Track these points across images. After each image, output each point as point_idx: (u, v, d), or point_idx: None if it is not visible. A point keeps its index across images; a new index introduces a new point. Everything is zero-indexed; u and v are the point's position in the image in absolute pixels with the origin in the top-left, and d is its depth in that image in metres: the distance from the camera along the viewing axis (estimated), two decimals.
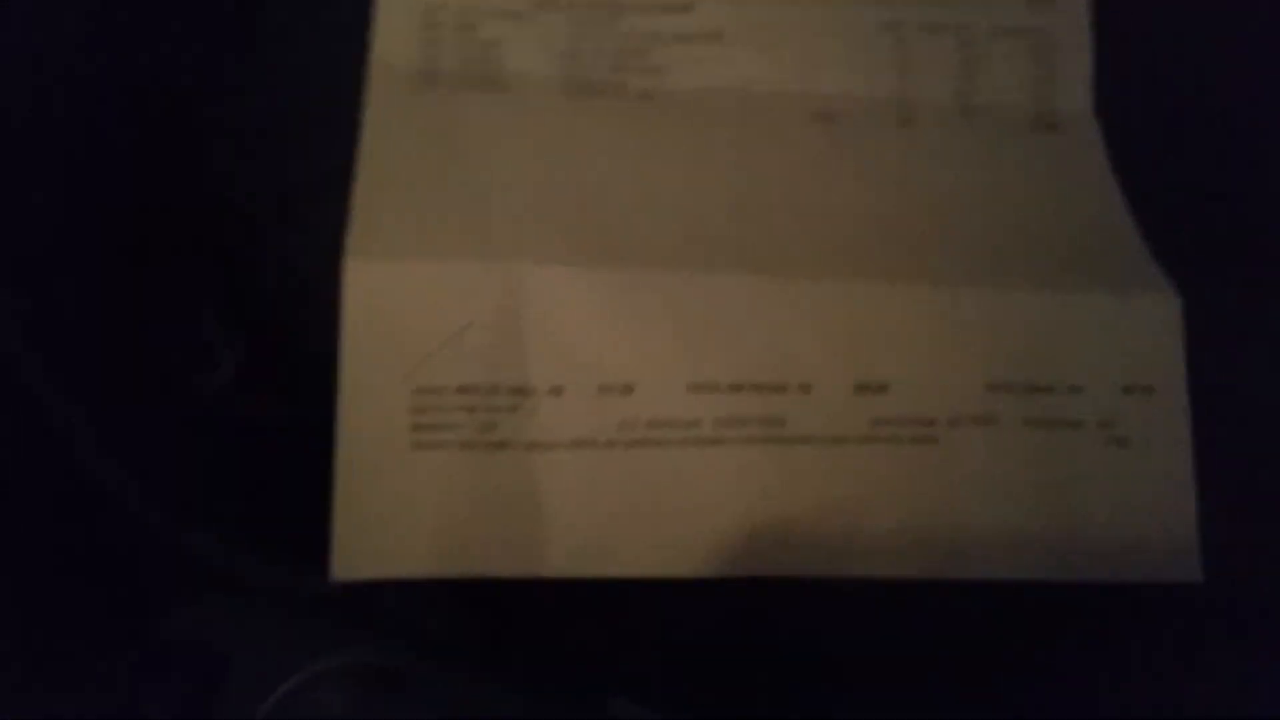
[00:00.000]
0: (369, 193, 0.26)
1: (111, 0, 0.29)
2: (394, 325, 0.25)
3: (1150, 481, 0.25)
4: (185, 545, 0.25)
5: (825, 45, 0.29)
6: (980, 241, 0.27)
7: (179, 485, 0.26)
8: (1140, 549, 0.25)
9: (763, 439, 0.25)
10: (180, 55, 0.29)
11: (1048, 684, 0.26)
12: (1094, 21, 0.30)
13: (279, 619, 0.25)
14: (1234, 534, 0.26)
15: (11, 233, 0.27)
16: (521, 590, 0.25)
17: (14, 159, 0.27)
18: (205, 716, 0.24)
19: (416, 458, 0.25)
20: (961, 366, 0.26)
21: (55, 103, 0.28)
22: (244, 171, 0.29)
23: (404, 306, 0.25)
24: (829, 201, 0.28)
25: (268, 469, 0.26)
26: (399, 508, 0.25)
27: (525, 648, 0.26)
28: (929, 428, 0.25)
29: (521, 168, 0.27)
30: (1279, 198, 0.29)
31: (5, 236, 0.27)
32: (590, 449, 0.25)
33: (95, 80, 0.28)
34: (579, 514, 0.25)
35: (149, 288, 0.28)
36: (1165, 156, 0.30)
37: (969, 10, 0.30)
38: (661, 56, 0.29)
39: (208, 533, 0.25)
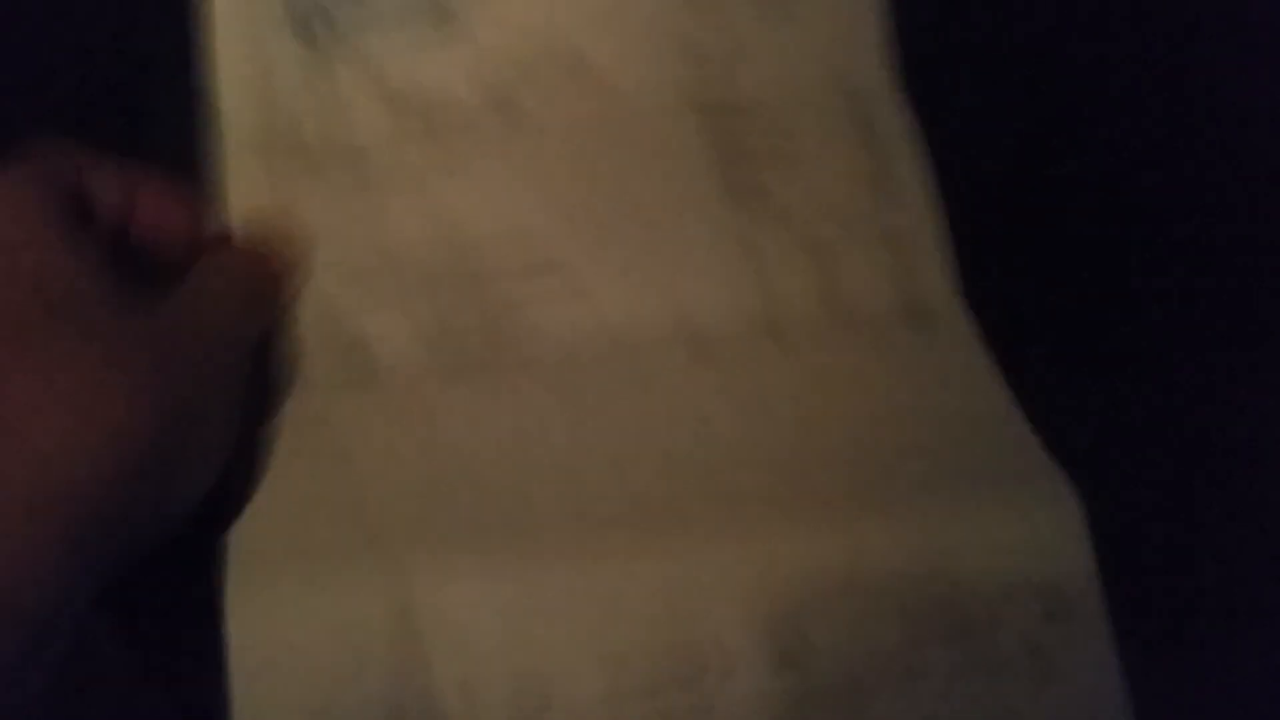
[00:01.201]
0: (246, 522, 0.26)
1: None
2: (286, 672, 0.24)
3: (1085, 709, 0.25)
4: None
5: (689, 279, 0.30)
6: (876, 468, 0.27)
7: None
8: None
9: None
10: None
11: None
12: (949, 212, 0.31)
13: None
14: None
15: None
16: None
17: None
18: None
19: None
20: (877, 617, 0.25)
21: None
22: None
23: (294, 650, 0.24)
24: (715, 444, 0.27)
25: None
26: None
27: None
28: (854, 691, 0.25)
29: (403, 469, 0.27)
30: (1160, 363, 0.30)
31: None
32: None
33: None
34: None
35: None
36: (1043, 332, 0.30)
37: (822, 219, 0.30)
38: (532, 319, 0.29)
39: None
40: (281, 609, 0.24)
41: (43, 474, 0.19)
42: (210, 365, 0.24)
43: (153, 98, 0.30)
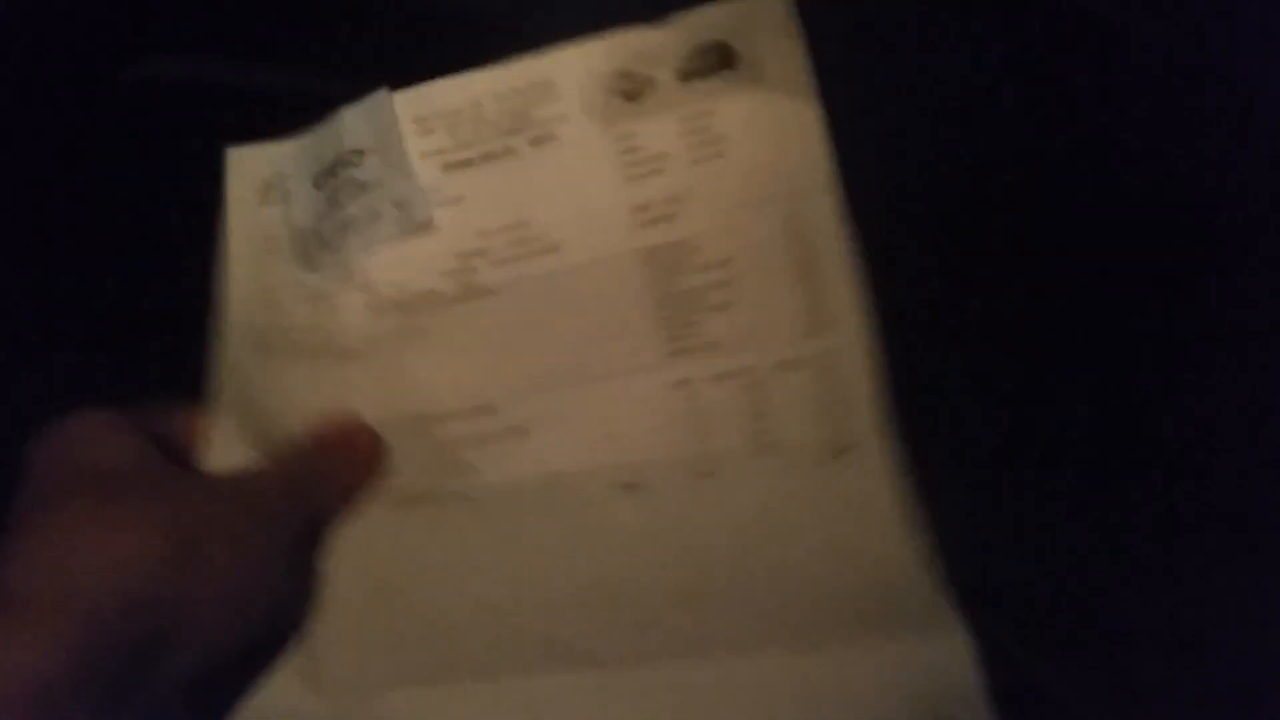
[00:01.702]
0: None
1: None
2: None
3: None
4: None
5: (623, 417, 0.32)
6: (783, 602, 0.29)
7: None
8: None
9: None
10: None
11: None
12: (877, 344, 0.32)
13: None
14: None
15: None
16: None
17: None
18: None
19: None
20: None
21: None
22: None
23: None
24: (640, 578, 0.30)
25: None
26: None
27: None
28: None
29: (350, 595, 0.30)
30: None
31: None
32: None
33: None
34: None
35: None
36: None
37: (751, 352, 0.32)
38: (473, 458, 0.32)
39: None
40: None
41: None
42: (234, 533, 0.28)
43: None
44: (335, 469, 0.31)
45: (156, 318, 0.37)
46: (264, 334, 0.33)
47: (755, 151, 0.32)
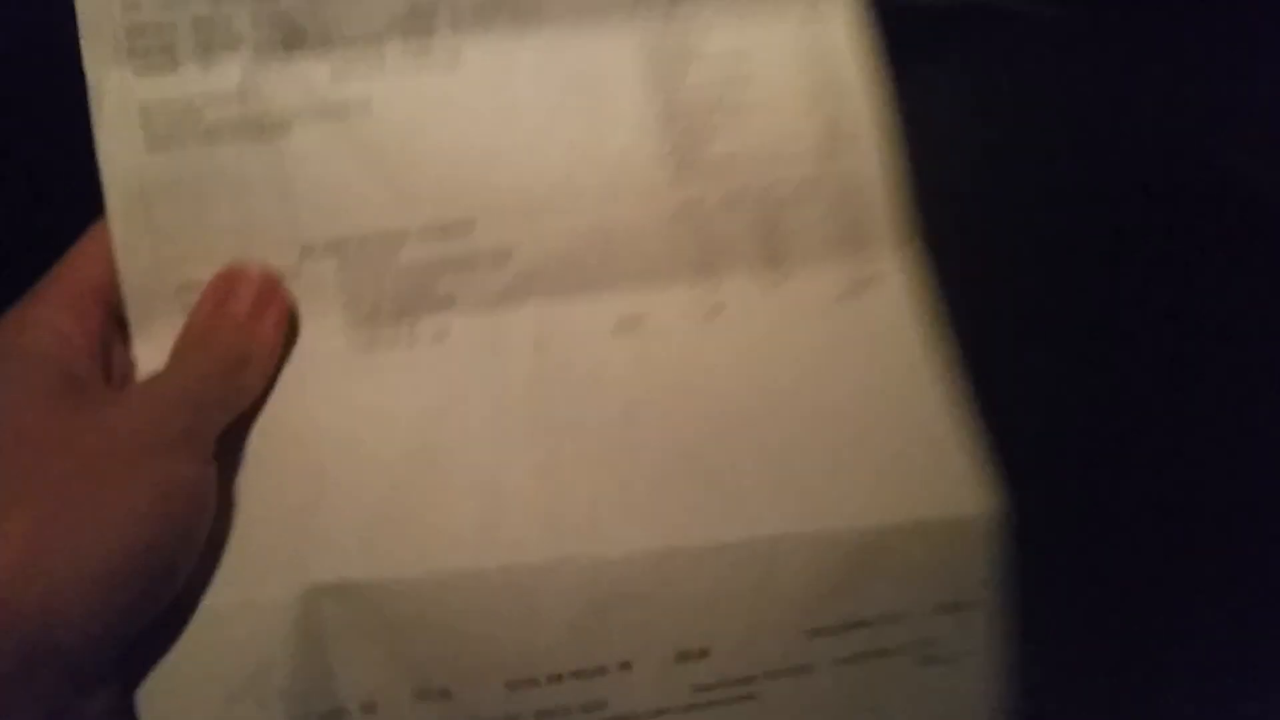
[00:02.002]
0: None
1: None
2: (192, 670, 0.23)
3: (959, 699, 0.25)
4: None
5: (620, 243, 0.28)
6: (794, 458, 0.26)
7: None
8: None
9: None
10: None
11: None
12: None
13: None
14: None
15: None
16: None
17: None
18: None
19: None
20: (780, 619, 0.25)
21: None
22: None
23: (199, 645, 0.23)
24: (635, 437, 0.26)
25: None
26: None
27: None
28: (748, 685, 0.24)
29: (304, 461, 0.26)
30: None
31: None
32: None
33: None
34: None
35: None
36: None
37: (764, 171, 0.28)
38: (447, 286, 0.27)
39: None
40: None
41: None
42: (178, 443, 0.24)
43: None
44: (227, 365, 0.26)
45: None
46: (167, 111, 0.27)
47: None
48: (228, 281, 0.26)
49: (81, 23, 0.26)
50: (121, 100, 0.26)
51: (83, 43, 0.26)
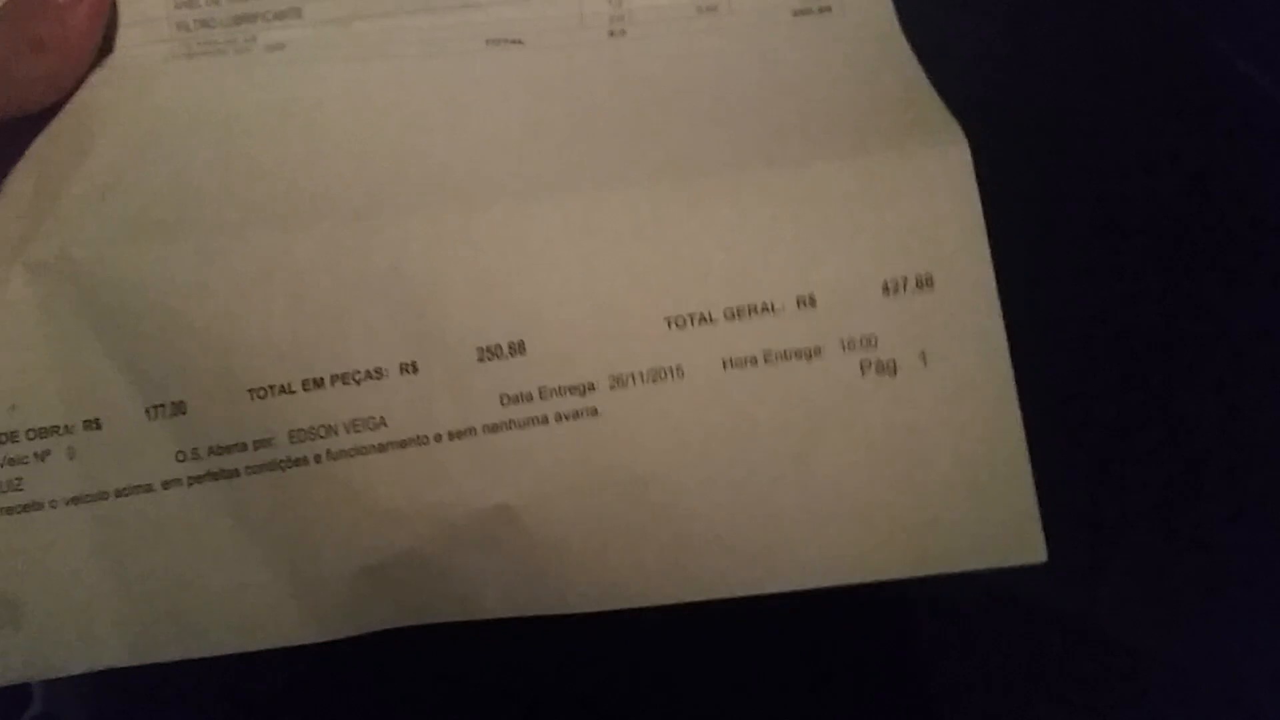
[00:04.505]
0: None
1: None
2: None
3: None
4: None
5: None
6: (767, 120, 0.20)
7: None
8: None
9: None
10: None
11: None
12: None
13: None
14: None
15: None
16: None
17: None
18: None
19: None
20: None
21: None
22: None
23: None
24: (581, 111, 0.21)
25: None
26: None
27: None
28: (584, 397, 0.18)
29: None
30: None
31: None
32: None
33: None
34: None
35: None
36: None
37: None
38: None
39: None
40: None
41: None
42: None
43: None
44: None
45: None
46: None
47: None
48: None
49: None
50: None
51: None
